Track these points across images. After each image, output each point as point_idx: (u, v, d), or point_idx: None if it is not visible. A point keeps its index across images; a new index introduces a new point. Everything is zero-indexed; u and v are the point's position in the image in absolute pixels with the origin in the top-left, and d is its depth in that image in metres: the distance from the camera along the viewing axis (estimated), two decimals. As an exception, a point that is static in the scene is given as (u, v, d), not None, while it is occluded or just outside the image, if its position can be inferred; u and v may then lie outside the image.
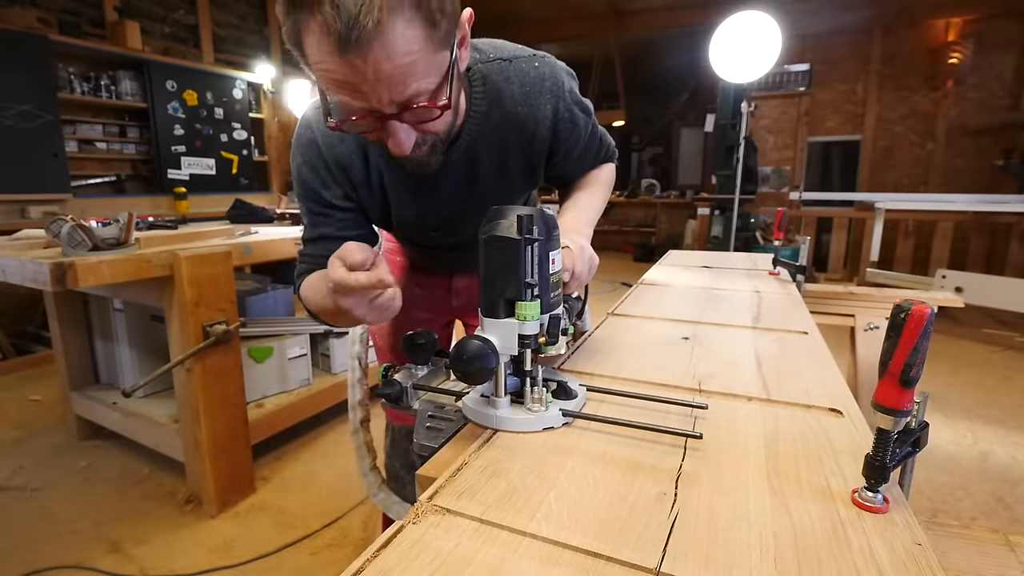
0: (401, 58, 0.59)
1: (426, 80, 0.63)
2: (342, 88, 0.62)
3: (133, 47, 3.94)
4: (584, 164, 0.99)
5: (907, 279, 3.67)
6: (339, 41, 0.56)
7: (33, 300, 3.49)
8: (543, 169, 0.92)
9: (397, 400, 0.71)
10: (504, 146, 0.85)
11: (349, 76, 0.60)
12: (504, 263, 0.58)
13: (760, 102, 6.01)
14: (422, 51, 0.60)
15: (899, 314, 0.44)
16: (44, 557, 1.59)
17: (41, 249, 1.68)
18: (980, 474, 2.09)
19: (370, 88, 0.61)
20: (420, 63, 0.61)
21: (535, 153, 0.88)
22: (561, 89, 0.84)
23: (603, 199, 1.01)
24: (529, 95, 0.82)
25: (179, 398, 1.79)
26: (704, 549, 0.42)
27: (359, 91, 0.62)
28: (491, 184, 0.88)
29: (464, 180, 0.87)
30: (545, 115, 0.84)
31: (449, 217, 0.93)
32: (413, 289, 1.19)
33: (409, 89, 0.62)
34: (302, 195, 0.88)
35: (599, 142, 0.99)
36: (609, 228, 8.75)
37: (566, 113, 0.86)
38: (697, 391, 0.74)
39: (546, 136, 0.86)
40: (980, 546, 0.81)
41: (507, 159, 0.87)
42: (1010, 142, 5.52)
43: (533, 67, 0.83)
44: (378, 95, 0.62)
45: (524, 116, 0.83)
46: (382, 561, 0.41)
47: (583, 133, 0.92)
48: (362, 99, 0.63)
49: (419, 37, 0.59)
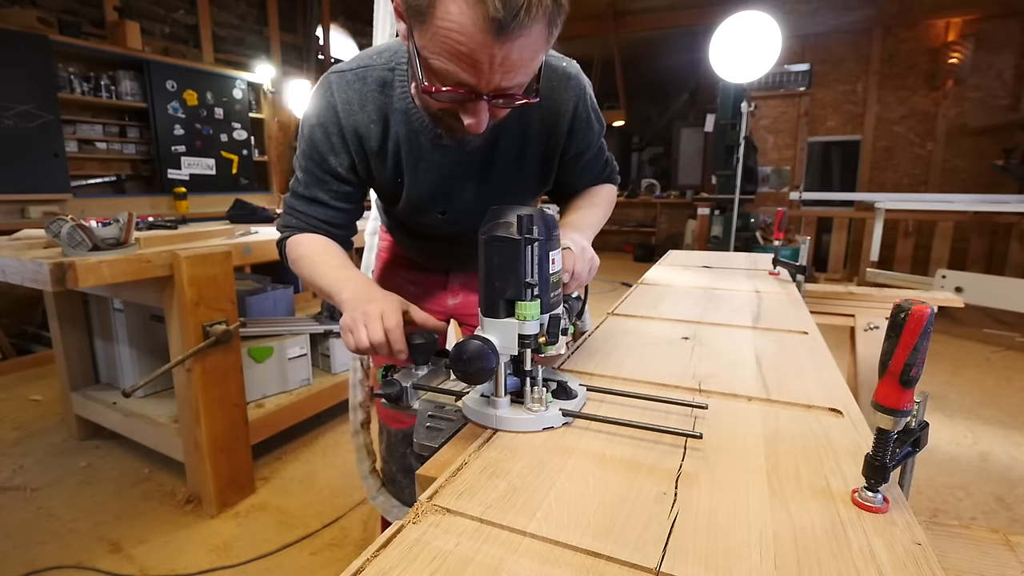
0: (531, 54, 0.64)
1: (531, 74, 0.68)
2: (461, 60, 0.62)
3: (133, 47, 3.94)
4: (588, 176, 1.02)
5: (907, 279, 3.67)
6: (494, 24, 0.58)
7: (33, 300, 3.49)
8: (556, 166, 0.94)
9: (397, 400, 0.71)
10: (525, 135, 0.87)
11: (479, 54, 0.61)
12: (504, 263, 0.58)
13: (760, 102, 6.00)
14: (543, 50, 0.65)
15: (899, 314, 0.44)
16: (44, 557, 1.59)
17: (41, 249, 1.68)
18: (980, 474, 2.09)
19: (490, 70, 0.63)
20: (537, 60, 0.66)
21: (552, 146, 0.90)
22: (584, 91, 0.88)
23: (604, 213, 1.02)
24: (555, 89, 0.85)
25: (179, 398, 1.79)
26: (704, 549, 0.42)
27: (478, 69, 0.63)
28: (506, 171, 0.90)
29: (482, 162, 0.88)
30: (567, 110, 0.87)
31: (459, 200, 0.94)
32: (407, 287, 1.18)
33: (518, 79, 0.66)
34: (307, 154, 0.88)
35: (605, 161, 1.03)
36: (609, 228, 8.73)
37: (584, 114, 0.89)
38: (697, 391, 0.74)
39: (564, 131, 0.89)
40: (980, 546, 0.81)
41: (526, 148, 0.89)
42: (1010, 142, 5.51)
43: (561, 65, 0.86)
44: (492, 78, 0.64)
45: (547, 108, 0.86)
46: (382, 561, 0.41)
47: (595, 141, 0.95)
48: (474, 76, 0.64)
49: (545, 37, 0.64)
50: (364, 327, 0.71)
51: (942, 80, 5.82)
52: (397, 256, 1.23)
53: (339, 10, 6.09)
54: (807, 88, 6.05)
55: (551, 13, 0.62)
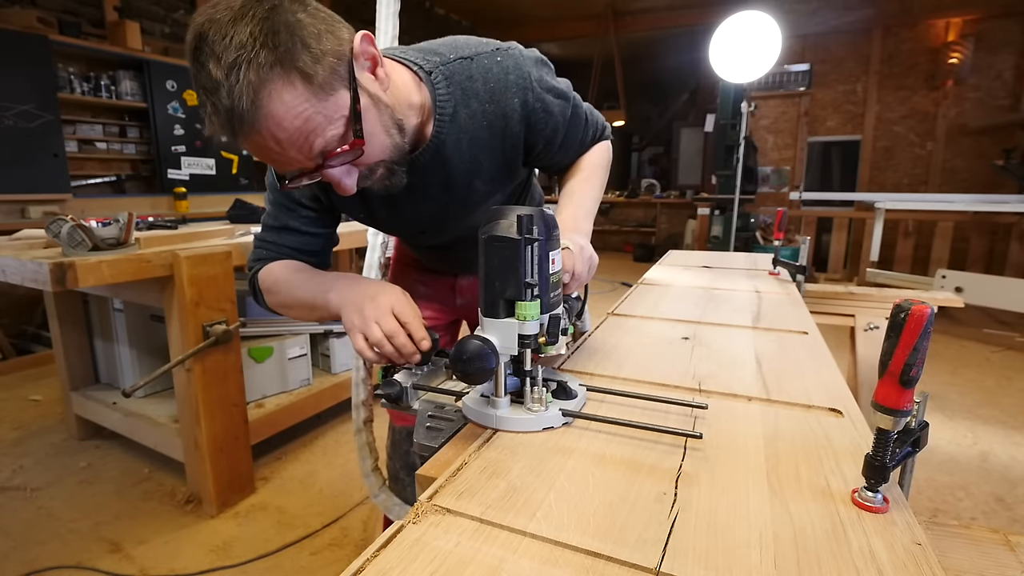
0: (291, 123, 0.59)
1: (331, 129, 0.62)
2: (262, 159, 0.64)
3: (133, 47, 3.94)
4: (572, 151, 0.95)
5: (907, 279, 3.67)
6: (229, 132, 0.59)
7: (33, 300, 3.49)
8: (522, 164, 0.90)
9: (397, 400, 0.71)
10: (475, 146, 0.82)
11: (257, 151, 0.62)
12: (504, 263, 0.58)
13: (760, 102, 6.01)
14: (311, 106, 0.60)
15: (899, 314, 0.44)
16: (44, 557, 1.59)
17: (41, 249, 1.68)
18: (980, 474, 2.09)
19: (280, 155, 0.62)
20: (314, 118, 0.60)
21: (508, 149, 0.85)
22: (528, 80, 0.80)
23: (600, 184, 0.97)
24: (494, 91, 0.79)
25: (179, 398, 1.79)
26: (704, 549, 0.42)
27: (274, 160, 0.64)
28: (466, 184, 0.86)
29: (438, 182, 0.85)
30: (513, 109, 0.80)
31: (430, 219, 0.92)
32: (417, 287, 1.18)
33: (316, 145, 0.62)
34: (272, 185, 0.88)
35: (584, 124, 0.94)
36: (609, 228, 8.75)
37: (537, 104, 0.81)
38: (697, 391, 0.74)
39: (518, 131, 0.83)
40: (980, 546, 0.81)
41: (480, 158, 0.84)
42: (1010, 142, 5.51)
43: (496, 62, 0.79)
44: (291, 158, 0.63)
45: (492, 113, 0.80)
46: (382, 561, 0.41)
47: (561, 120, 0.87)
48: (282, 165, 0.65)
49: (301, 95, 0.59)
50: (376, 323, 0.68)
51: (942, 80, 5.82)
52: (407, 256, 1.24)
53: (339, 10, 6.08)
54: (807, 88, 6.05)
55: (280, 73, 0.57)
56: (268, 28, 0.56)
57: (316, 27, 0.60)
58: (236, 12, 0.57)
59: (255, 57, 0.55)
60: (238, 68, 0.55)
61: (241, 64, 0.55)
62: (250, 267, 0.92)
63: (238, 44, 0.55)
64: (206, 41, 0.56)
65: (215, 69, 0.56)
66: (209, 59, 0.56)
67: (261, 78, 0.56)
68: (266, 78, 0.56)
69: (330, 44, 0.61)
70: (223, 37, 0.56)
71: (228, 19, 0.56)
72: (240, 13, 0.57)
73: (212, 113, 0.58)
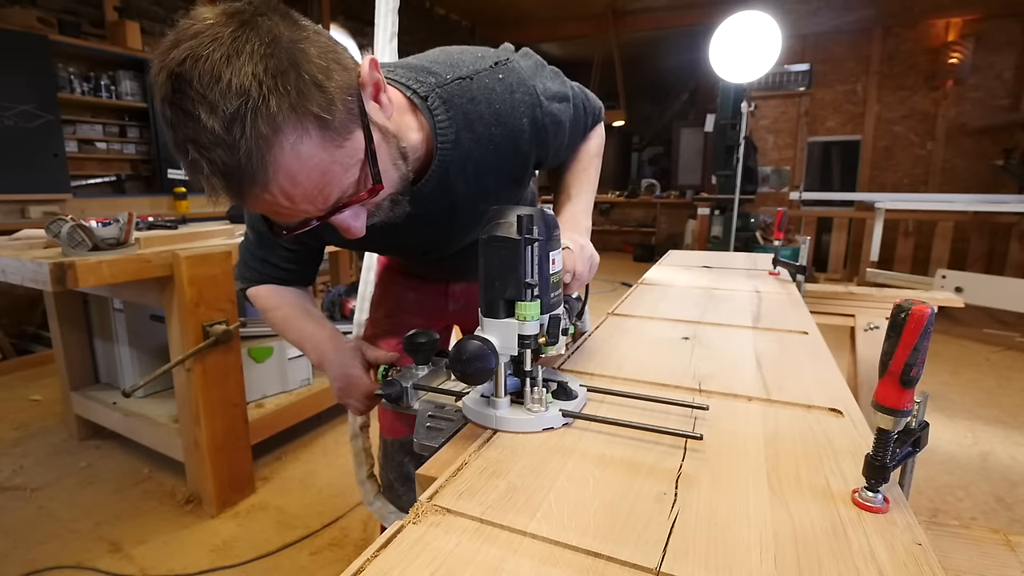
0: (307, 176, 0.52)
1: (346, 176, 0.56)
2: (266, 214, 0.58)
3: (133, 47, 3.94)
4: (572, 147, 0.93)
5: (907, 279, 3.67)
6: (234, 195, 0.51)
7: (33, 300, 3.49)
8: (530, 176, 0.87)
9: (397, 400, 0.71)
10: (481, 169, 0.77)
11: (262, 209, 0.55)
12: (504, 263, 0.58)
13: (760, 102, 6.01)
14: (328, 155, 0.52)
15: (899, 314, 0.44)
16: (44, 557, 1.59)
17: (41, 249, 1.68)
18: (980, 474, 2.09)
19: (290, 210, 0.55)
20: (332, 168, 0.53)
21: (518, 167, 0.81)
22: (534, 96, 0.75)
23: (596, 173, 0.95)
24: (500, 113, 0.73)
25: (179, 398, 1.79)
26: (704, 549, 0.42)
27: (279, 215, 0.57)
28: (472, 205, 0.82)
29: (443, 208, 0.80)
30: (523, 129, 0.75)
31: (434, 240, 0.90)
32: (407, 294, 1.14)
33: (332, 196, 0.56)
34: (252, 224, 0.86)
35: (583, 116, 0.90)
36: (609, 228, 8.75)
37: (546, 119, 0.77)
38: (697, 391, 0.74)
39: (528, 149, 0.79)
40: (980, 546, 0.81)
41: (486, 180, 0.79)
42: (1010, 142, 5.51)
43: (498, 80, 0.73)
44: (301, 211, 0.55)
45: (500, 136, 0.75)
46: (382, 561, 0.41)
47: (568, 125, 0.84)
48: (289, 219, 0.57)
49: (316, 144, 0.51)
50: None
51: (942, 80, 5.82)
52: (396, 262, 1.19)
53: (339, 10, 6.08)
54: (807, 88, 6.06)
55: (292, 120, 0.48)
56: (274, 68, 0.47)
57: (323, 58, 0.52)
58: (229, 47, 0.47)
59: (263, 106, 0.47)
60: (242, 120, 0.46)
61: (246, 115, 0.46)
62: (237, 278, 0.95)
63: (239, 90, 0.46)
64: (191, 85, 0.46)
65: (210, 121, 0.46)
66: (199, 108, 0.46)
67: (272, 130, 0.48)
68: (278, 129, 0.48)
69: (340, 78, 0.53)
70: (216, 80, 0.46)
71: (220, 56, 0.46)
72: (234, 48, 0.47)
73: (210, 174, 0.48)
